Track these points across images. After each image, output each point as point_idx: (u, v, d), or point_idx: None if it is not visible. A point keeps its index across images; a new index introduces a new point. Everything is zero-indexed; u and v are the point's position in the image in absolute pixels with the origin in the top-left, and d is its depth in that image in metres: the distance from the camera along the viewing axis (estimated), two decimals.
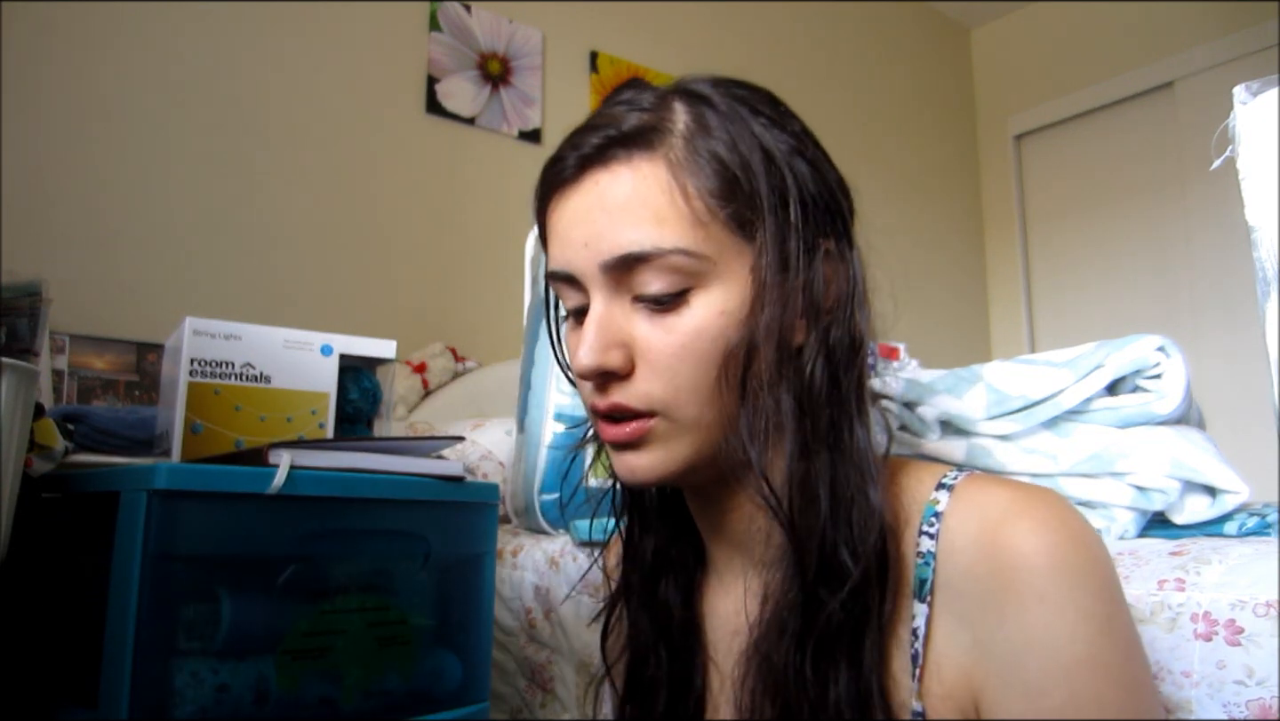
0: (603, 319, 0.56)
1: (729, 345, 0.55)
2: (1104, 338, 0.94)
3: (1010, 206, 3.79)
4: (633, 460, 0.57)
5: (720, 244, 0.55)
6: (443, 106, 2.40)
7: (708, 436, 0.56)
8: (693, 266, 0.54)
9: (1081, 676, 0.49)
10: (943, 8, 3.88)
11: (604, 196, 0.56)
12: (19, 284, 0.89)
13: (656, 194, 0.55)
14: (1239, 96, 0.52)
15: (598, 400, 0.57)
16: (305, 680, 0.75)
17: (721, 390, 0.55)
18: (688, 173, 0.55)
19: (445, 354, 2.15)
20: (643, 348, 0.56)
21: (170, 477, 0.69)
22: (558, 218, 0.59)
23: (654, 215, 0.54)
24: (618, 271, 0.55)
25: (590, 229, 0.56)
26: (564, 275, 0.58)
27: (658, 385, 0.55)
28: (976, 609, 0.52)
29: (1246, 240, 0.52)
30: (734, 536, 0.63)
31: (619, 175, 0.56)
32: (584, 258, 0.56)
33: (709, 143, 0.56)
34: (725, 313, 0.55)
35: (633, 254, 0.54)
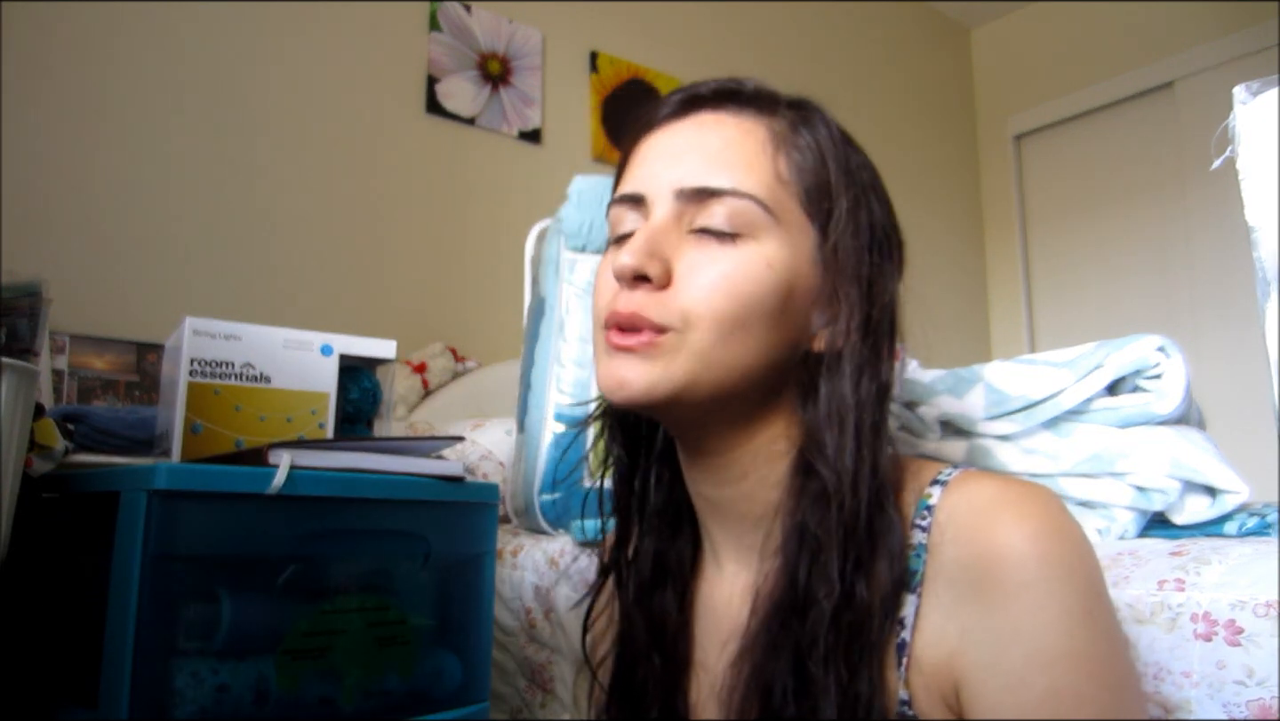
0: (656, 230, 0.58)
1: (769, 298, 0.56)
2: (1104, 338, 0.94)
3: (1010, 206, 3.78)
4: (626, 370, 0.57)
5: (788, 210, 0.58)
6: (443, 106, 2.40)
7: (707, 371, 0.56)
8: (758, 217, 0.57)
9: (1061, 669, 0.49)
10: (943, 8, 3.88)
11: (703, 134, 0.59)
12: (19, 284, 0.89)
13: (751, 146, 0.58)
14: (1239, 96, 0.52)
15: (620, 304, 0.57)
16: (305, 680, 0.75)
17: (745, 335, 0.56)
18: (786, 144, 0.59)
19: (445, 354, 2.15)
20: (685, 267, 0.57)
21: (170, 477, 0.69)
22: (648, 146, 0.61)
23: (742, 161, 0.58)
24: (689, 201, 0.58)
25: (678, 157, 0.59)
26: (633, 195, 0.60)
27: (687, 302, 0.56)
28: (961, 598, 0.52)
29: (1246, 240, 0.52)
30: (733, 519, 0.63)
31: (724, 121, 0.60)
32: (662, 180, 0.59)
33: (812, 132, 0.60)
34: (771, 266, 0.57)
35: (710, 187, 0.57)
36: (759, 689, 0.56)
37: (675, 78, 2.88)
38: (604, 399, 0.68)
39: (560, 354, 1.24)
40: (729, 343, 0.56)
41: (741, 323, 0.56)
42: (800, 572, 0.56)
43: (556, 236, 1.29)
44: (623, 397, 0.58)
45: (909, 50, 3.74)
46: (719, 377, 0.57)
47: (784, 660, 0.55)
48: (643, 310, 0.56)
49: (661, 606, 0.66)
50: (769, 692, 0.55)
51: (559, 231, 1.29)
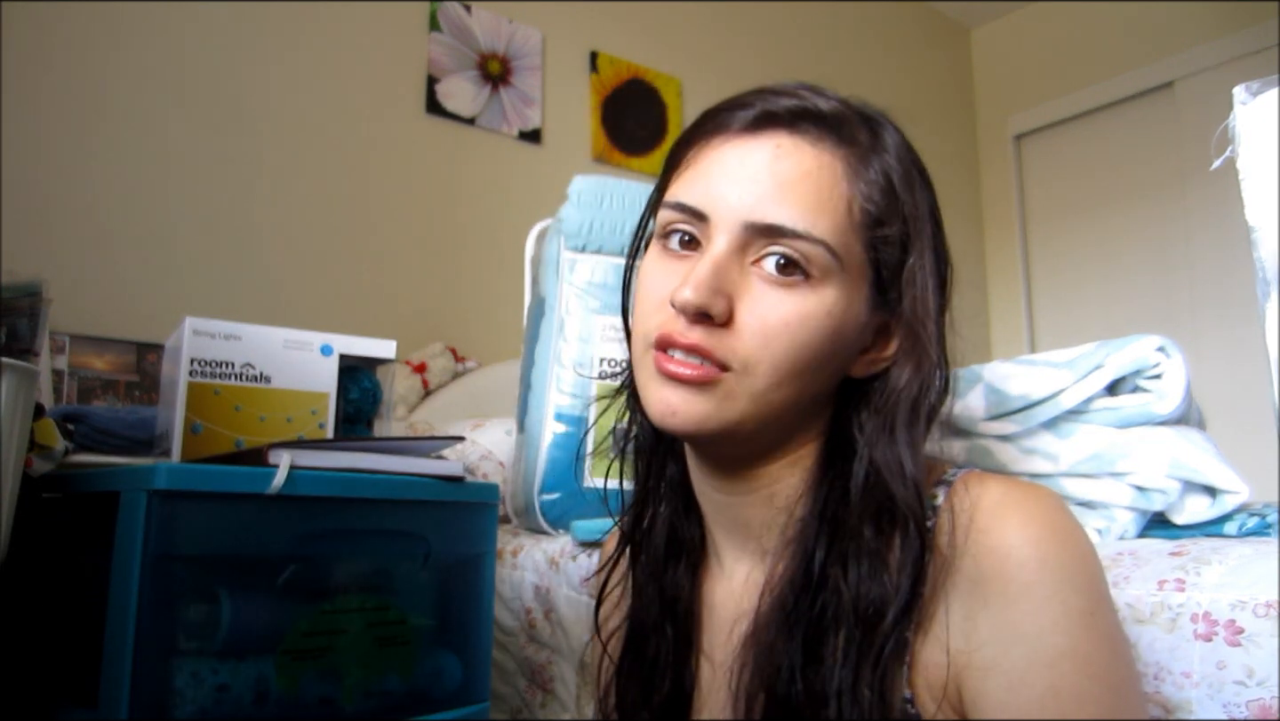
0: (721, 263, 0.56)
1: (824, 344, 0.56)
2: (1104, 338, 0.94)
3: (1010, 206, 3.78)
4: (678, 400, 0.56)
5: (853, 255, 0.57)
6: (443, 106, 2.40)
7: (757, 412, 0.56)
8: (825, 263, 0.55)
9: (1063, 669, 0.49)
10: (943, 8, 3.88)
11: (779, 161, 0.57)
12: (19, 284, 0.89)
13: (826, 185, 0.56)
14: (1239, 96, 0.52)
15: (680, 333, 0.56)
16: (305, 680, 0.75)
17: (797, 379, 0.56)
18: (859, 179, 0.57)
19: (445, 354, 2.15)
20: (747, 307, 0.55)
21: (170, 477, 0.69)
22: (715, 156, 0.59)
23: (816, 202, 0.56)
24: (755, 234, 0.56)
25: (750, 184, 0.56)
26: (698, 211, 0.58)
27: (751, 345, 0.55)
28: (965, 598, 0.53)
29: (1246, 240, 0.52)
30: (740, 522, 0.63)
31: (802, 149, 0.57)
32: (731, 205, 0.56)
33: (884, 161, 0.58)
34: (830, 315, 0.56)
35: (782, 227, 0.55)
36: (769, 666, 0.56)
37: (675, 78, 2.88)
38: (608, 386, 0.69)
39: (560, 354, 1.24)
40: (783, 387, 0.56)
41: (798, 370, 0.56)
42: (816, 560, 0.56)
43: (556, 236, 1.29)
44: (674, 425, 0.57)
45: (909, 50, 3.74)
46: (766, 416, 0.57)
47: (794, 640, 0.55)
48: (708, 346, 0.55)
49: (675, 581, 0.67)
50: (777, 671, 0.55)
51: (559, 231, 1.29)
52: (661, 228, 0.61)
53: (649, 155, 2.78)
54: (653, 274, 0.60)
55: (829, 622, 0.55)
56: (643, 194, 1.27)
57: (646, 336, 0.59)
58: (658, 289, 0.59)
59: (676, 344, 0.56)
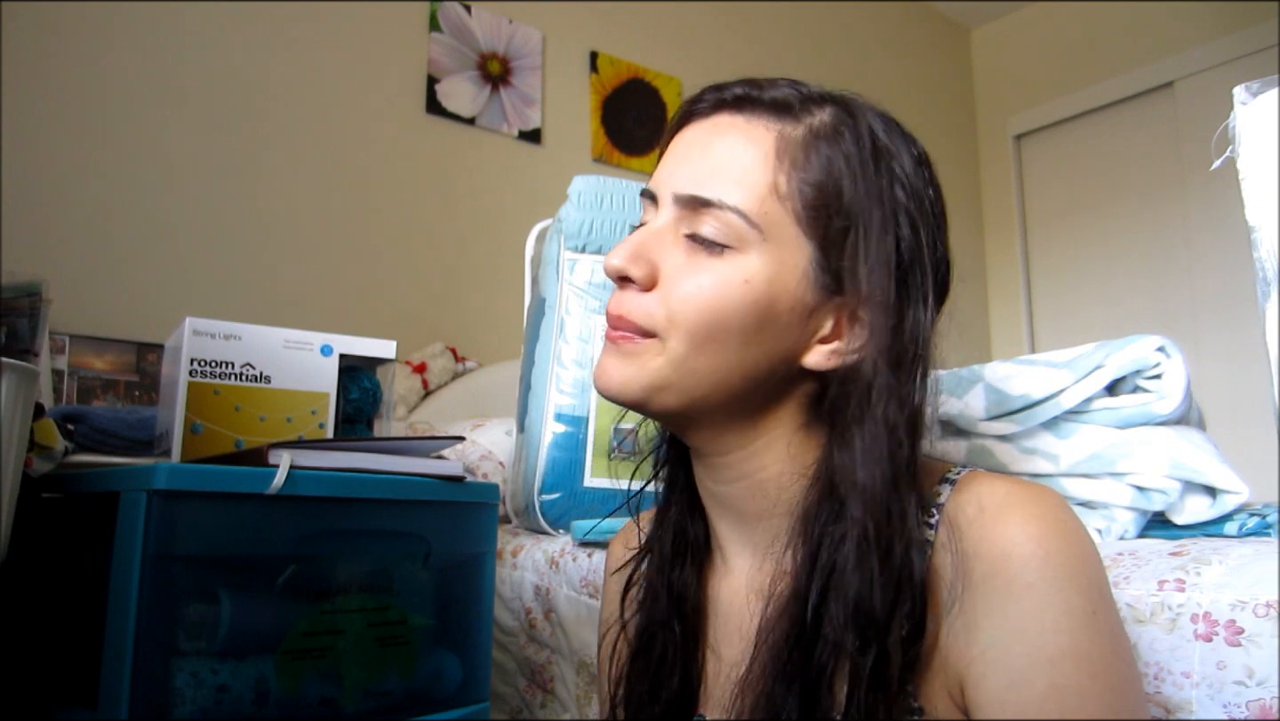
0: (648, 234, 0.60)
1: (745, 312, 0.57)
2: (1104, 338, 0.94)
3: (1010, 206, 3.78)
4: (608, 364, 0.60)
5: (781, 227, 0.57)
6: (443, 106, 2.40)
7: (679, 378, 0.58)
8: (742, 230, 0.57)
9: (1064, 667, 0.49)
10: (943, 8, 3.88)
11: (712, 139, 0.60)
12: (19, 284, 0.89)
13: (751, 157, 0.58)
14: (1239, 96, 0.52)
15: (610, 305, 0.61)
16: (305, 680, 0.75)
17: (719, 348, 0.57)
18: (790, 156, 0.58)
19: (445, 354, 2.15)
20: (667, 271, 0.59)
21: (170, 478, 0.69)
22: (675, 142, 0.63)
23: (738, 172, 0.58)
24: (685, 207, 0.59)
25: (685, 161, 0.60)
26: (650, 192, 0.63)
27: (662, 308, 0.58)
28: (967, 595, 0.53)
29: (1246, 240, 0.52)
30: (737, 512, 0.64)
31: (735, 127, 0.60)
32: (668, 182, 0.61)
33: (830, 148, 0.58)
34: (748, 282, 0.57)
35: (700, 197, 0.58)
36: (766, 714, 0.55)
37: (675, 77, 2.88)
38: None
39: (560, 354, 1.24)
40: (701, 353, 0.57)
41: (712, 335, 0.57)
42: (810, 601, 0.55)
43: (556, 236, 1.29)
44: (601, 388, 0.61)
45: (909, 50, 3.74)
46: (690, 385, 0.58)
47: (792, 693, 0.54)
48: (627, 314, 0.59)
49: (682, 580, 0.67)
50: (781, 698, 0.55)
51: (559, 231, 1.29)
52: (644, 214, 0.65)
53: (649, 155, 2.78)
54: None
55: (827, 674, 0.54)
56: None
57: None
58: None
59: (609, 312, 0.61)
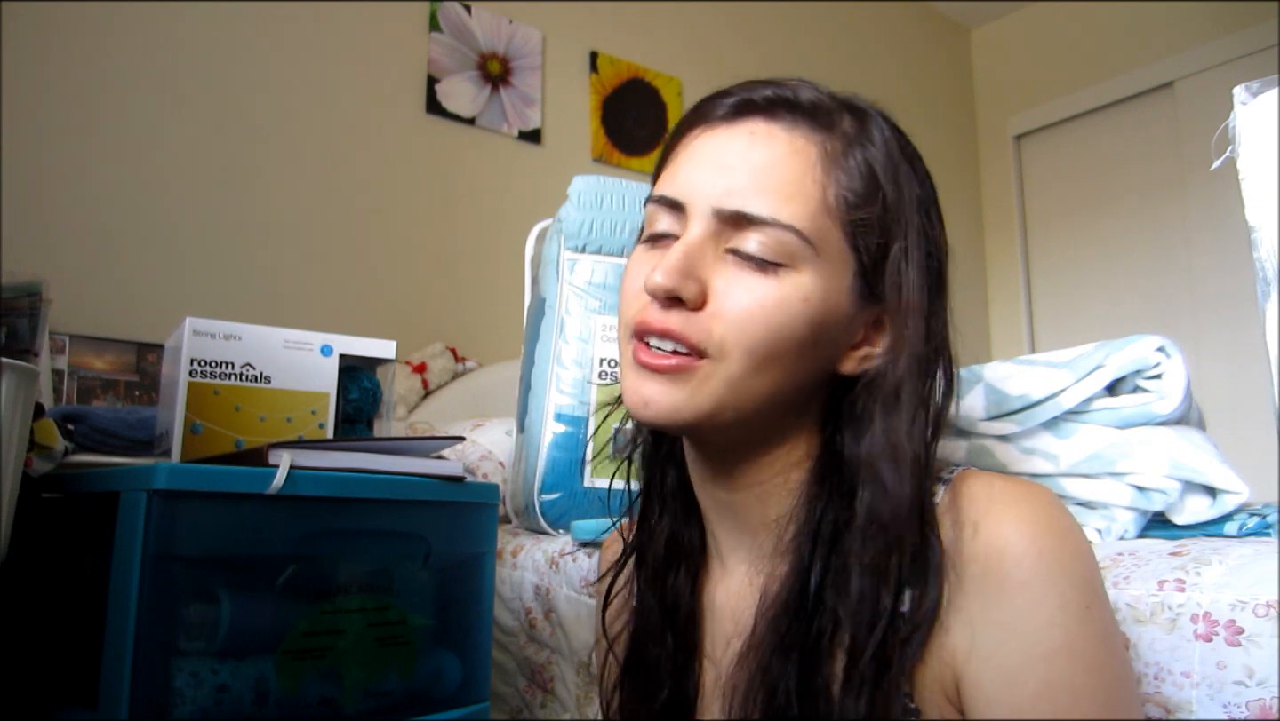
0: (693, 248, 0.56)
1: (801, 330, 0.55)
2: (1104, 338, 0.94)
3: (1010, 206, 3.78)
4: (652, 391, 0.56)
5: (830, 242, 0.56)
6: (443, 106, 2.40)
7: (734, 400, 0.56)
8: (796, 248, 0.55)
9: (1057, 664, 0.49)
10: (943, 8, 3.88)
11: (751, 148, 0.57)
12: (19, 284, 0.89)
13: (798, 171, 0.56)
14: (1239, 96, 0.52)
15: (653, 318, 0.56)
16: (305, 680, 0.75)
17: (777, 367, 0.56)
18: (837, 167, 0.57)
19: (445, 354, 2.15)
20: (721, 291, 0.56)
21: (170, 478, 0.69)
22: (696, 146, 0.59)
23: (786, 188, 0.56)
24: (726, 222, 0.56)
25: (722, 171, 0.57)
26: (672, 201, 0.58)
27: (723, 328, 0.55)
28: (962, 595, 0.53)
29: (1246, 240, 0.52)
30: (739, 519, 0.63)
31: (775, 136, 0.57)
32: (703, 193, 0.57)
33: (867, 151, 0.58)
34: (807, 300, 0.55)
35: (748, 214, 0.55)
36: (763, 689, 0.56)
37: (675, 78, 2.88)
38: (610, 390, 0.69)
39: (560, 354, 1.24)
40: (759, 374, 0.56)
41: (774, 355, 0.55)
42: (813, 579, 0.56)
43: (556, 236, 1.29)
44: (647, 417, 0.57)
45: (909, 50, 3.74)
46: (744, 405, 0.56)
47: (790, 663, 0.55)
48: (680, 330, 0.55)
49: (675, 588, 0.67)
50: (773, 693, 0.55)
51: (559, 231, 1.29)
52: (647, 222, 0.61)
53: (649, 155, 2.78)
54: (633, 266, 0.61)
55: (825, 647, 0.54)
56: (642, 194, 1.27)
57: (627, 326, 0.59)
58: (636, 279, 0.59)
59: (651, 329, 0.56)
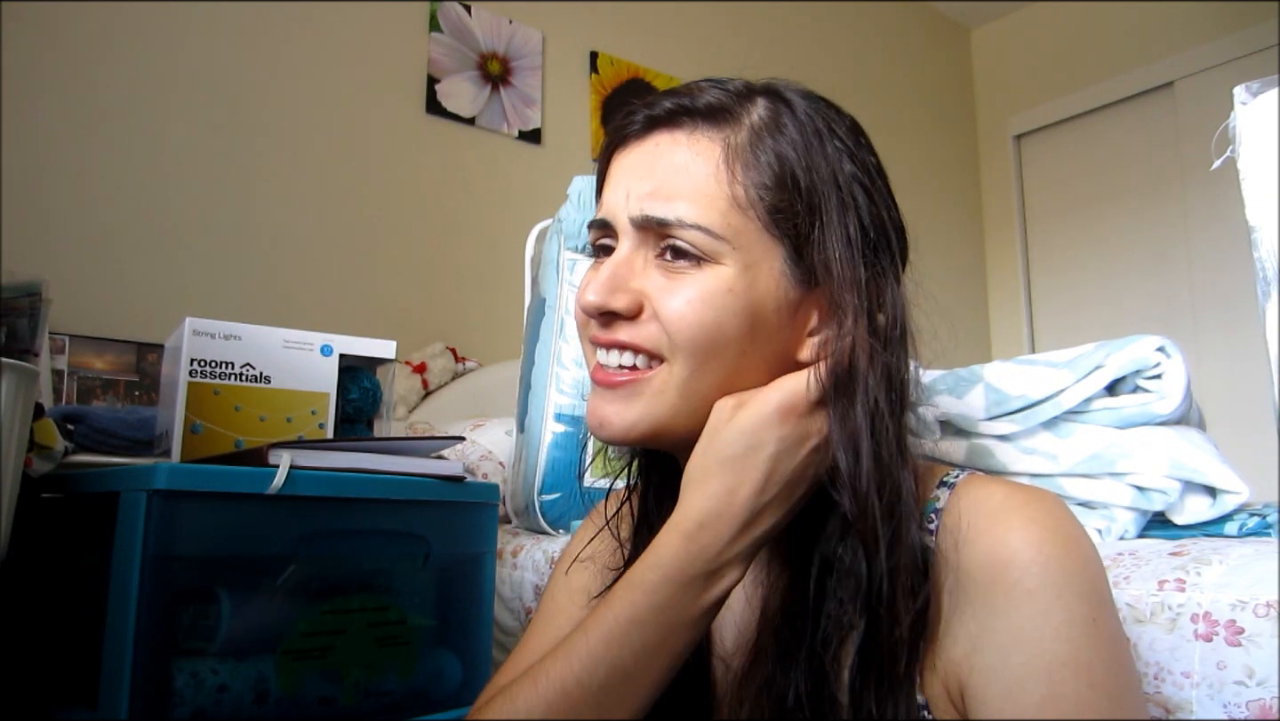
0: (620, 264, 0.59)
1: (734, 321, 0.56)
2: (1104, 337, 0.94)
3: (1010, 206, 3.78)
4: (609, 411, 0.58)
5: (748, 233, 0.57)
6: (443, 106, 2.40)
7: (685, 403, 0.57)
8: (709, 244, 0.56)
9: (1063, 676, 0.49)
10: (943, 8, 3.88)
11: (657, 158, 0.59)
12: (19, 284, 0.89)
13: (702, 170, 0.57)
14: (1239, 96, 0.52)
15: (600, 334, 0.59)
16: (305, 680, 0.75)
17: (717, 363, 0.56)
18: (741, 161, 0.57)
19: (445, 354, 2.15)
20: (653, 294, 0.57)
21: (170, 478, 0.69)
22: (615, 167, 0.62)
23: (692, 189, 0.57)
24: (644, 229, 0.58)
25: (634, 184, 0.59)
26: (600, 221, 0.61)
27: (665, 332, 0.57)
28: (967, 602, 0.52)
29: (1246, 240, 0.52)
30: None
31: (678, 143, 0.59)
32: (621, 207, 0.59)
33: (776, 141, 0.58)
34: (733, 291, 0.56)
35: (655, 218, 0.57)
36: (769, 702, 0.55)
37: (675, 78, 2.88)
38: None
39: (560, 354, 1.24)
40: (703, 372, 0.56)
41: (712, 350, 0.56)
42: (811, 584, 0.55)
43: (556, 236, 1.29)
44: (604, 436, 0.59)
45: (909, 50, 3.74)
46: (695, 408, 0.57)
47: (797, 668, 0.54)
48: (628, 339, 0.58)
49: None
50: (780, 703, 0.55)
51: (559, 231, 1.29)
52: (592, 248, 0.64)
53: None
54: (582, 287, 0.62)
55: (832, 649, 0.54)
56: None
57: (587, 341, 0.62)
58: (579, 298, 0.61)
59: (598, 341, 0.59)
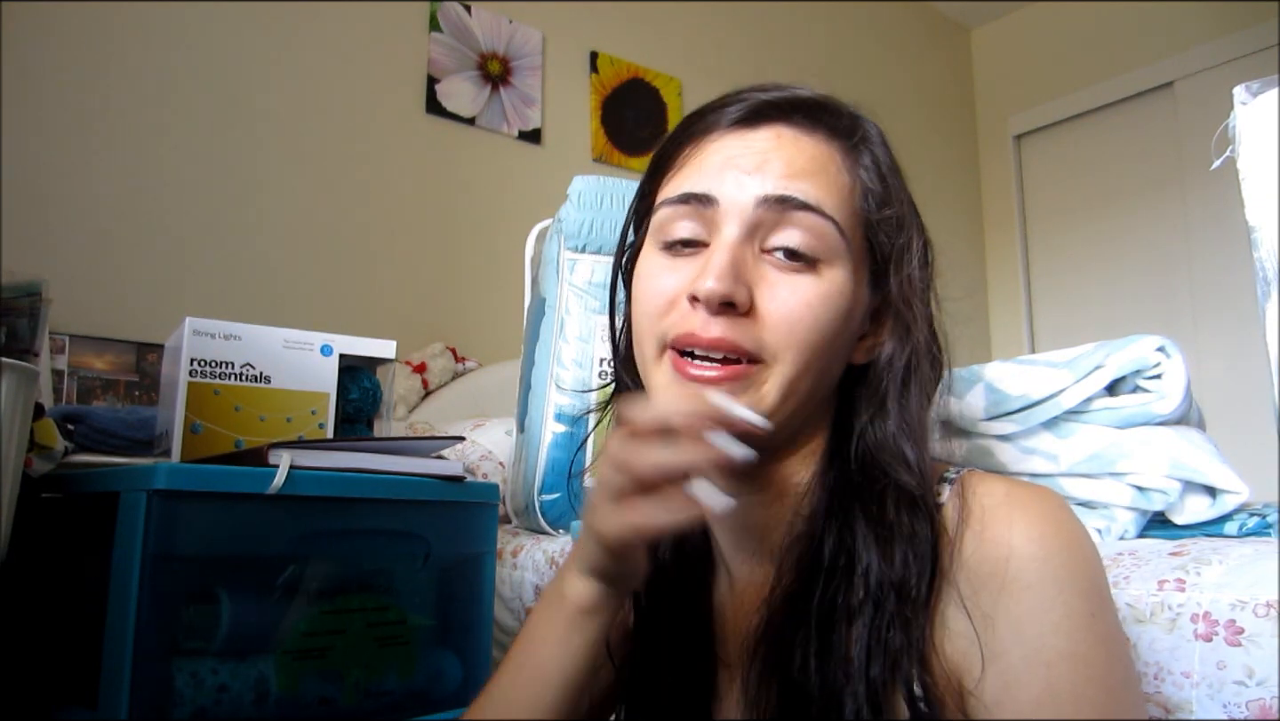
0: (735, 250, 0.55)
1: (840, 325, 0.56)
2: (1104, 338, 0.94)
3: (1010, 206, 3.78)
4: None
5: (856, 236, 0.58)
6: (443, 106, 2.40)
7: (788, 403, 0.56)
8: (835, 241, 0.56)
9: (1061, 670, 0.49)
10: (943, 8, 3.88)
11: (786, 146, 0.57)
12: (19, 284, 0.89)
13: (831, 169, 0.58)
14: (1239, 96, 0.52)
15: (701, 329, 0.54)
16: (305, 680, 0.76)
17: (821, 364, 0.56)
18: (858, 165, 0.59)
19: (445, 354, 2.15)
20: (766, 294, 0.55)
21: (170, 478, 0.69)
22: (715, 148, 0.58)
23: (827, 182, 0.57)
24: (769, 212, 0.55)
25: (761, 165, 0.56)
26: (704, 196, 0.57)
27: (777, 333, 0.54)
28: (968, 597, 0.53)
29: (1246, 240, 0.52)
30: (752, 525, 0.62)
31: (801, 138, 0.58)
32: (742, 186, 0.56)
33: (874, 151, 0.60)
34: (843, 295, 0.56)
35: (797, 199, 0.55)
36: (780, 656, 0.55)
37: (675, 78, 2.88)
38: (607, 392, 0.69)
39: (560, 354, 1.24)
40: (809, 373, 0.56)
41: (821, 354, 0.56)
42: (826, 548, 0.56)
43: (556, 236, 1.29)
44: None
45: (909, 50, 3.74)
46: (795, 408, 0.56)
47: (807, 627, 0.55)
48: (734, 338, 0.54)
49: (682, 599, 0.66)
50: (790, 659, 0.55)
51: (559, 231, 1.29)
52: (660, 227, 0.59)
53: (649, 155, 2.78)
54: (656, 274, 0.58)
55: (841, 610, 0.54)
56: None
57: (661, 338, 0.57)
58: (664, 288, 0.57)
59: (699, 341, 0.54)
